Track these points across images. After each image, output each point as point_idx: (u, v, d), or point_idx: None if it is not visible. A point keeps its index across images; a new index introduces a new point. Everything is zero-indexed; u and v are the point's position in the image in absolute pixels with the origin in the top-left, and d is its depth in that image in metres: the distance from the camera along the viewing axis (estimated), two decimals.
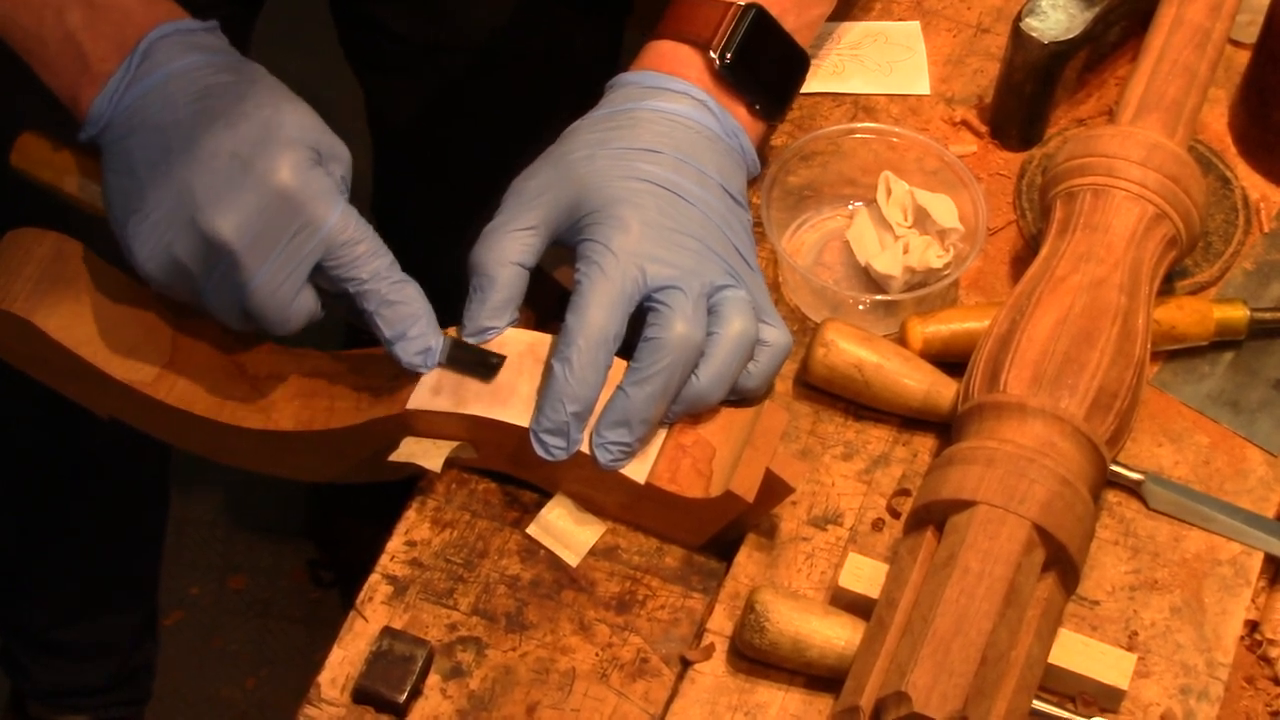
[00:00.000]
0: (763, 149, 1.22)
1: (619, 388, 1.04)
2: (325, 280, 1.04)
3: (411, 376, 1.08)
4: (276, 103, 1.03)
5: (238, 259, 1.01)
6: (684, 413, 1.07)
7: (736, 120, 1.15)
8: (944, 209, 1.18)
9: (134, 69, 1.04)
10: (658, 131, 1.11)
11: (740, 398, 1.09)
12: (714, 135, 1.13)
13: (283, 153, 1.01)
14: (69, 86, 1.05)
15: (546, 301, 1.19)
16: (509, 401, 1.07)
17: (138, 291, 1.13)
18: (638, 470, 1.06)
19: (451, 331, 1.10)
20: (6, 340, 1.13)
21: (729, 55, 1.14)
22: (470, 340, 1.09)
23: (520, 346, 1.09)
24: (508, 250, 1.08)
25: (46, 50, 1.05)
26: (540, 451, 1.05)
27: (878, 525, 1.11)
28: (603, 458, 1.05)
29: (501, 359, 1.07)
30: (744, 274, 1.09)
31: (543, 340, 1.09)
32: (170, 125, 1.02)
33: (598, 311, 1.04)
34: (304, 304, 1.03)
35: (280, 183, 1.00)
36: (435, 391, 1.08)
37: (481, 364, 1.07)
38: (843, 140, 1.22)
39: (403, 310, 1.05)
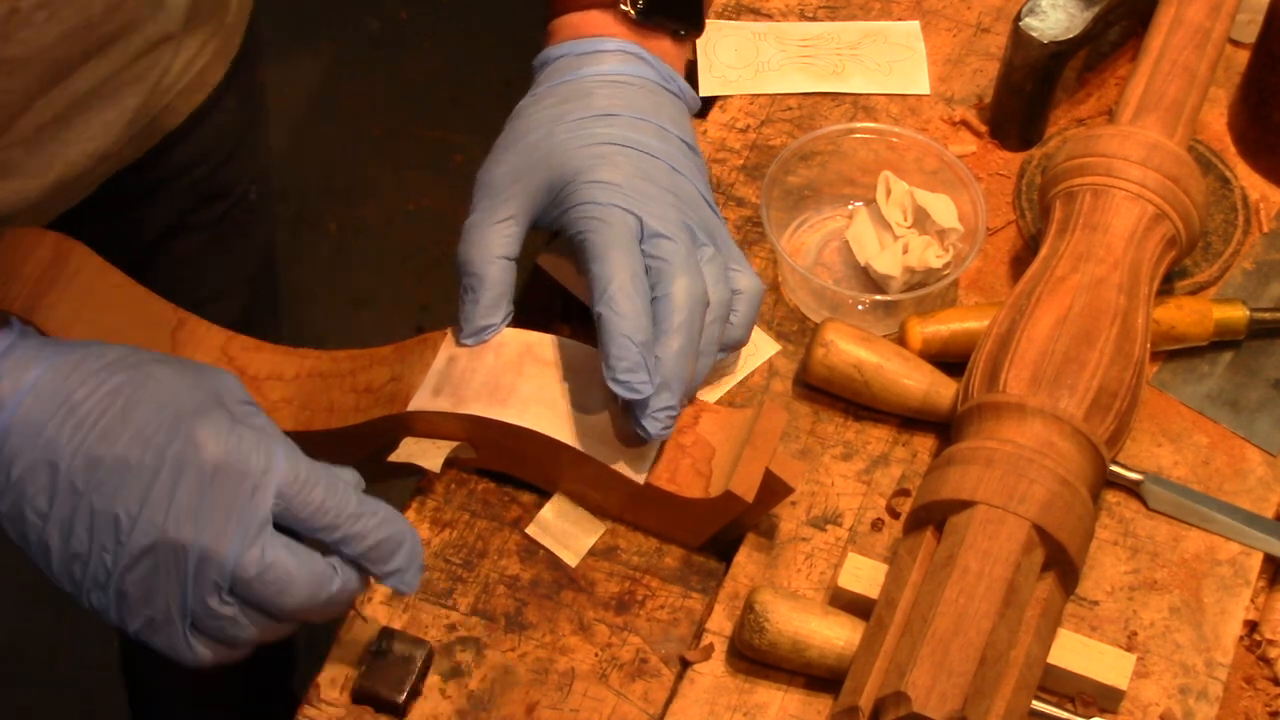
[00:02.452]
0: (692, 74, 1.23)
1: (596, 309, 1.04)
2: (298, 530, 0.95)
3: (412, 377, 1.08)
4: (161, 402, 0.92)
5: (205, 551, 0.91)
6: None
7: (668, 64, 1.15)
8: (943, 209, 1.18)
9: None
10: (606, 95, 1.11)
11: (731, 349, 1.11)
12: (656, 86, 1.13)
13: (199, 423, 0.91)
14: None
15: (544, 300, 1.20)
16: (509, 401, 1.07)
17: (138, 291, 1.13)
18: (637, 470, 1.06)
19: (448, 333, 1.10)
20: None
21: (639, 1, 1.14)
22: (469, 340, 1.09)
23: (520, 346, 1.09)
24: (492, 245, 1.09)
25: None
26: (625, 393, 1.02)
27: (877, 525, 1.11)
28: (654, 429, 1.04)
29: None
30: (714, 225, 1.10)
31: (542, 340, 1.09)
32: (62, 463, 0.91)
33: (618, 252, 1.05)
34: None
35: (208, 456, 0.91)
36: (435, 392, 1.08)
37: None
38: (842, 140, 1.22)
39: (385, 548, 0.94)
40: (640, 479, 1.06)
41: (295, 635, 0.96)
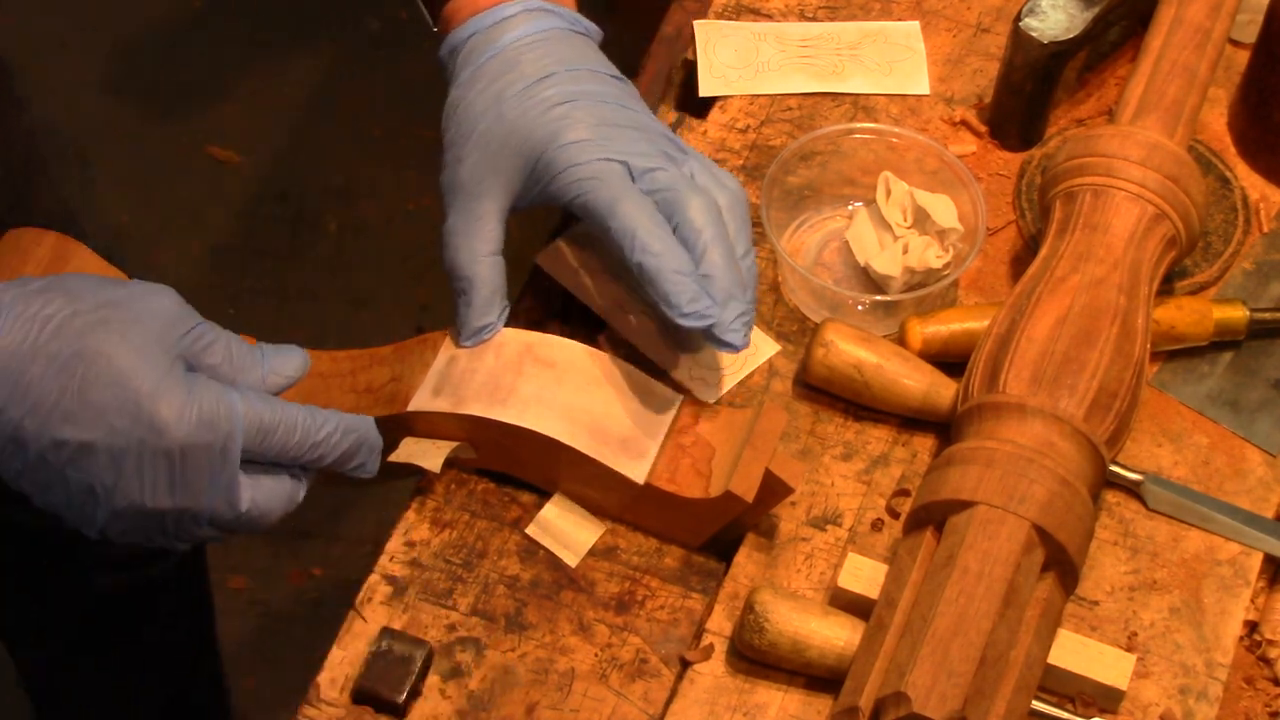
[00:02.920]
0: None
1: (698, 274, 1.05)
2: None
3: (412, 377, 1.08)
4: (104, 353, 0.95)
5: (182, 511, 0.98)
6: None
7: (567, 6, 1.15)
8: (943, 209, 1.18)
9: None
10: (534, 58, 1.10)
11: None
12: (569, 33, 1.13)
13: (158, 405, 0.95)
14: None
15: (544, 301, 1.20)
16: (509, 401, 1.07)
17: None
18: (637, 470, 1.06)
19: (448, 333, 1.10)
20: None
21: None
22: (469, 342, 1.09)
23: (520, 346, 1.09)
24: (476, 244, 1.09)
25: None
26: (697, 323, 1.04)
27: (877, 525, 1.11)
28: (738, 340, 1.05)
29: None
30: (677, 142, 1.11)
31: (543, 340, 1.09)
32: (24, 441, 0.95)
33: (626, 201, 1.06)
34: (269, 495, 1.01)
35: (174, 439, 0.96)
36: (435, 392, 1.08)
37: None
38: (842, 140, 1.22)
39: (349, 456, 1.03)
40: (640, 479, 1.06)
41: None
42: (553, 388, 1.07)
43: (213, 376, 1.00)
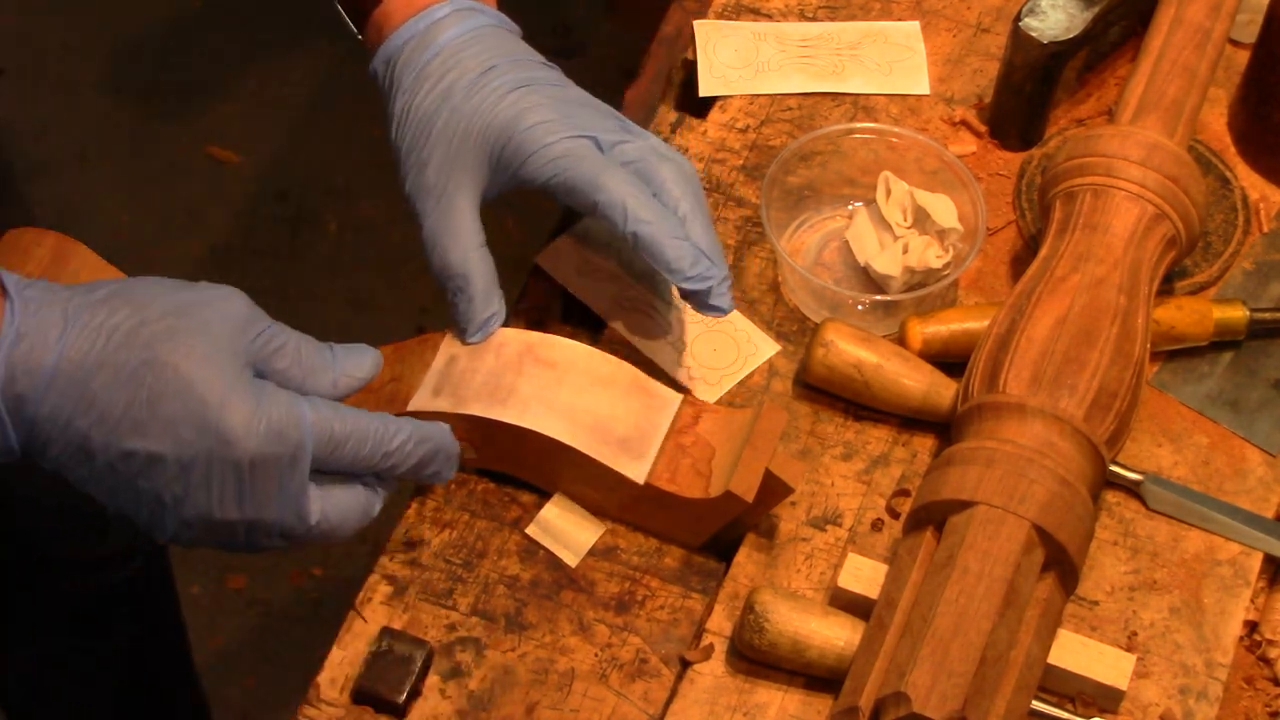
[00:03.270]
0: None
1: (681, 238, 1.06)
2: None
3: (412, 377, 1.08)
4: (180, 370, 0.94)
5: (252, 523, 0.97)
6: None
7: (488, 4, 1.15)
8: (943, 209, 1.18)
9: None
10: (474, 53, 1.10)
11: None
12: (499, 28, 1.13)
13: (226, 416, 0.94)
14: None
15: (544, 301, 1.20)
16: (509, 401, 1.07)
17: None
18: (637, 470, 1.06)
19: (448, 333, 1.10)
20: None
21: None
22: (476, 337, 1.09)
23: (520, 346, 1.09)
24: (462, 240, 1.08)
25: None
26: (700, 285, 1.06)
27: (877, 525, 1.11)
28: (726, 304, 1.07)
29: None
30: (626, 123, 1.11)
31: (543, 340, 1.09)
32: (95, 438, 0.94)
33: (608, 173, 1.06)
34: (339, 508, 1.00)
35: (243, 450, 0.95)
36: (435, 392, 1.08)
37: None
38: (842, 140, 1.22)
39: (423, 464, 1.02)
40: (640, 479, 1.06)
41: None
42: (553, 388, 1.07)
43: (282, 381, 0.99)
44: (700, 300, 1.07)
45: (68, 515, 1.48)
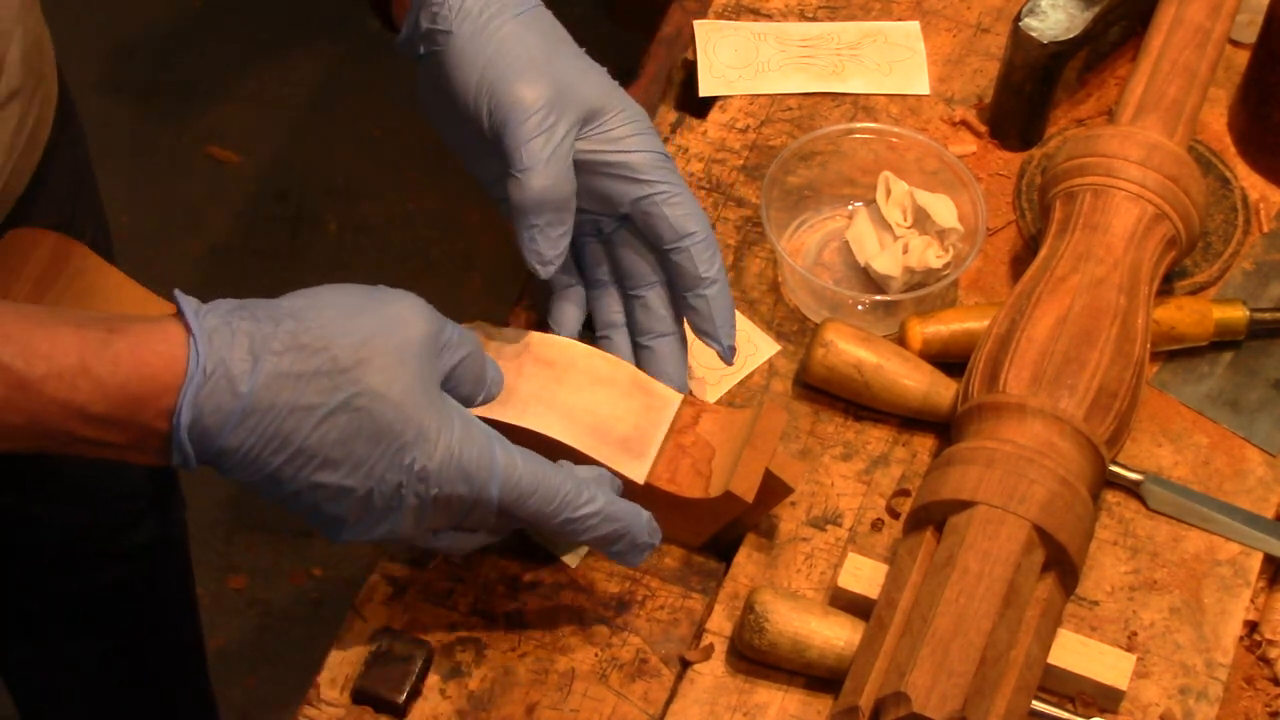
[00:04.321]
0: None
1: (699, 294, 1.08)
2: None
3: None
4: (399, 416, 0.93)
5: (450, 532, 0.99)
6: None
7: None
8: (943, 209, 1.18)
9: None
10: (550, 24, 1.09)
11: None
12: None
13: (421, 454, 0.94)
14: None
15: (544, 301, 1.20)
16: (508, 401, 1.07)
17: (138, 291, 1.13)
18: (637, 470, 1.06)
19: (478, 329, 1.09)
20: None
21: None
22: (551, 269, 1.06)
23: (518, 346, 1.09)
24: (570, 169, 1.05)
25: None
26: (728, 363, 1.09)
27: (877, 525, 1.11)
28: (730, 358, 1.09)
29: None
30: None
31: (542, 340, 1.09)
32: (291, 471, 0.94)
33: (699, 216, 1.08)
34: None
35: (433, 486, 0.95)
36: None
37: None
38: (842, 140, 1.22)
39: (618, 535, 1.00)
40: (640, 479, 1.06)
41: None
42: (552, 387, 1.07)
43: (457, 387, 0.97)
44: (725, 357, 1.09)
45: (109, 504, 1.48)
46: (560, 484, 0.97)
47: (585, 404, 1.07)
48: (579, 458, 1.06)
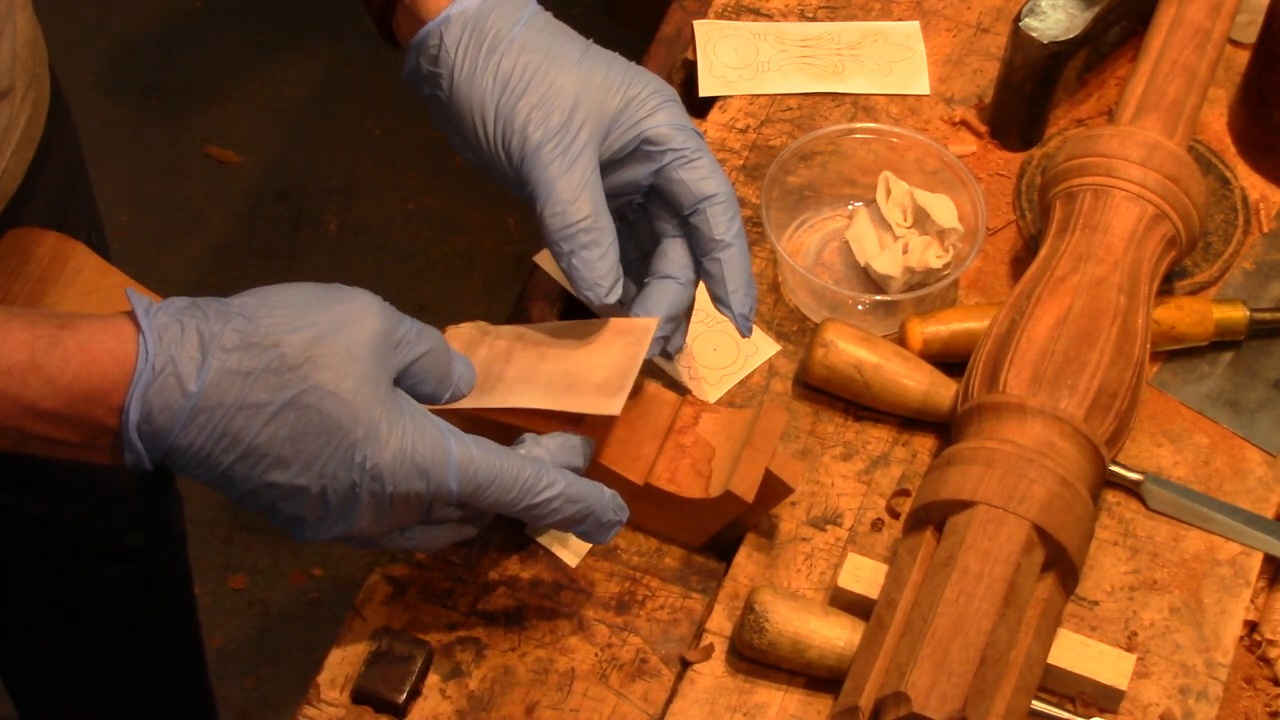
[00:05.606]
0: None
1: (714, 257, 1.06)
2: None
3: None
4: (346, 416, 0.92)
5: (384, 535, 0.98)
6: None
7: None
8: (943, 209, 1.18)
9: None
10: (556, 27, 1.08)
11: None
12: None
13: (372, 451, 0.93)
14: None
15: (544, 301, 1.20)
16: (495, 389, 1.06)
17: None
18: (636, 470, 1.06)
19: (447, 332, 1.09)
20: None
21: None
22: (609, 299, 1.04)
23: (510, 338, 1.09)
24: (596, 190, 1.03)
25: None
26: (745, 331, 1.07)
27: (877, 525, 1.11)
28: (745, 328, 1.07)
29: None
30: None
31: (532, 329, 1.09)
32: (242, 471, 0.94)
33: (722, 177, 1.06)
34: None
35: (388, 484, 0.95)
36: None
37: None
38: (842, 140, 1.22)
39: (583, 515, 0.99)
40: (640, 479, 1.06)
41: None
42: (536, 365, 1.07)
43: (418, 384, 0.97)
44: (740, 326, 1.07)
45: (106, 503, 1.48)
46: (519, 471, 0.97)
47: (565, 368, 1.06)
48: (557, 418, 1.05)
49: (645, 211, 1.09)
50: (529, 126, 1.03)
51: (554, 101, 1.04)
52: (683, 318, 1.09)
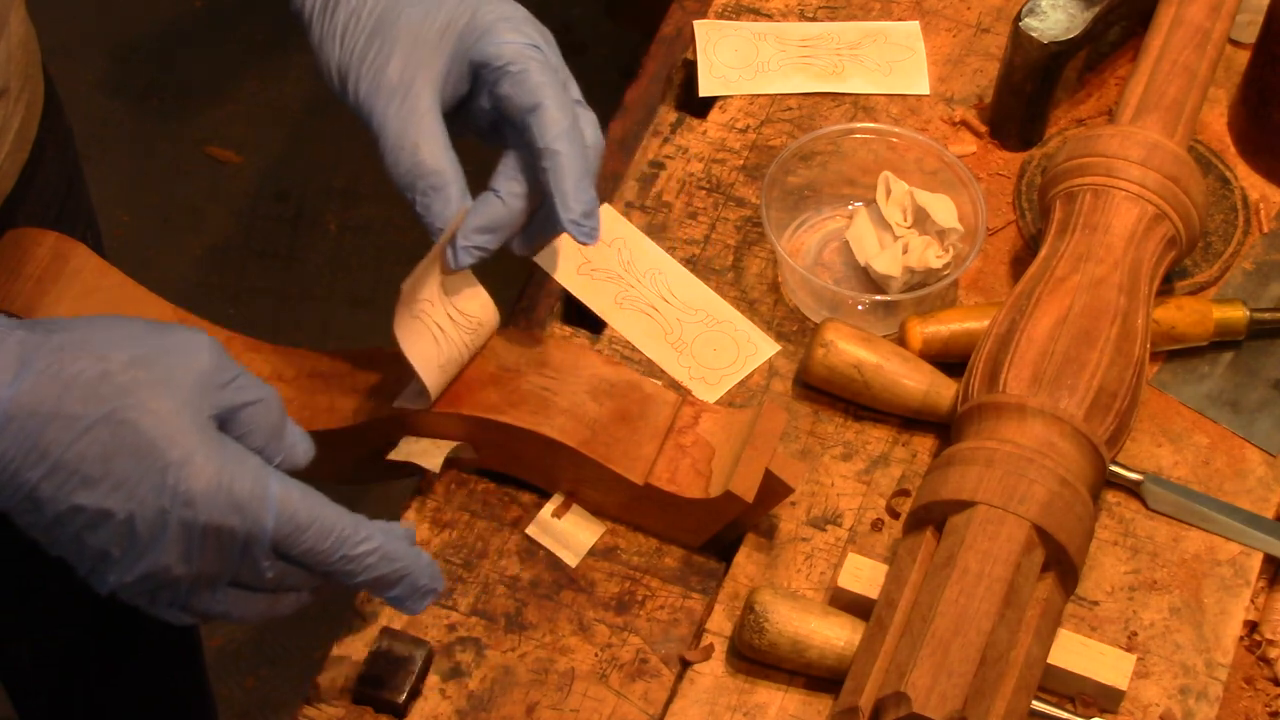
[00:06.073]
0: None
1: (542, 166, 1.02)
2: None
3: (412, 377, 1.08)
4: (156, 442, 0.89)
5: (199, 579, 0.92)
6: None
7: None
8: (943, 209, 1.18)
9: None
10: None
11: None
12: None
13: (186, 477, 0.89)
14: None
15: (544, 301, 1.20)
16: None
17: (138, 291, 1.13)
18: (637, 470, 1.06)
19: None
20: None
21: None
22: (472, 243, 1.03)
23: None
24: (435, 137, 1.03)
25: None
26: (582, 237, 1.02)
27: (877, 525, 1.11)
28: (580, 235, 1.03)
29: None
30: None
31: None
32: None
33: (556, 88, 1.02)
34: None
35: (200, 514, 0.90)
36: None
37: None
38: (842, 140, 1.22)
39: (383, 585, 0.95)
40: (640, 479, 1.06)
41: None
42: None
43: (246, 435, 0.93)
44: (573, 233, 1.03)
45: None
46: (337, 518, 0.92)
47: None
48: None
49: (501, 134, 1.07)
50: (366, 74, 1.03)
51: (391, 47, 1.03)
52: (508, 230, 1.05)
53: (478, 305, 1.07)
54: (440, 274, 1.05)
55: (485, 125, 1.07)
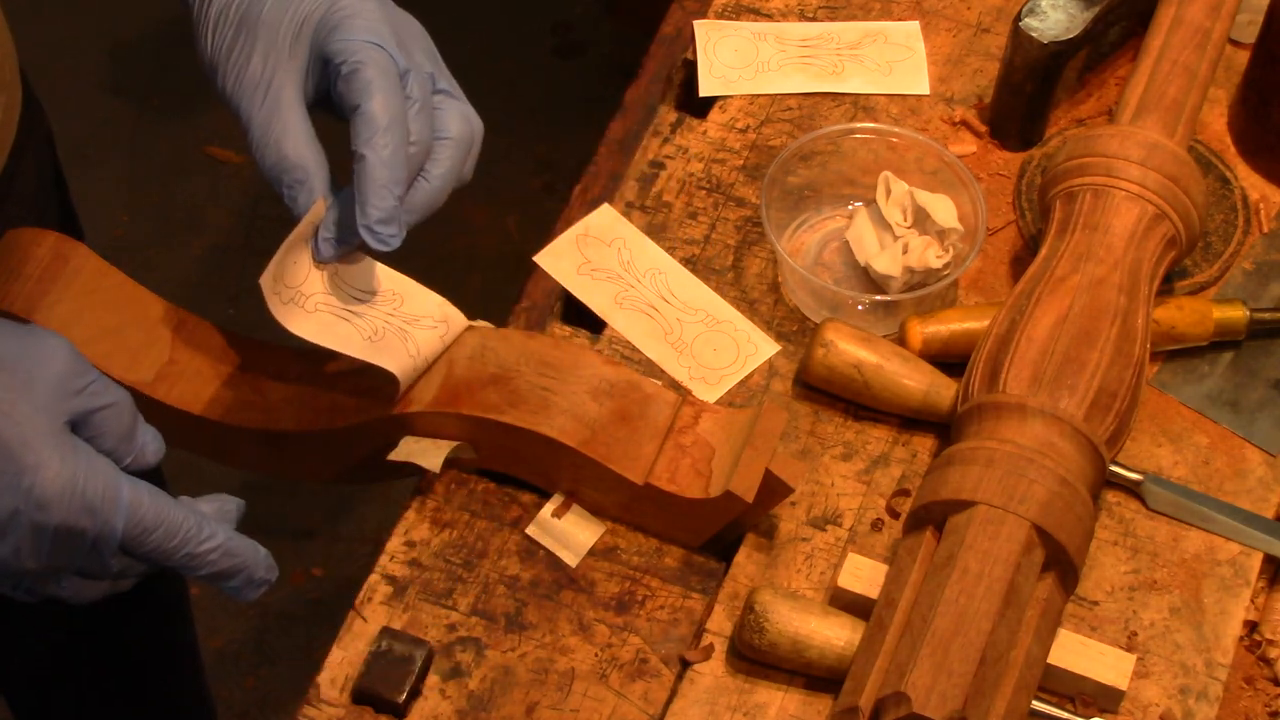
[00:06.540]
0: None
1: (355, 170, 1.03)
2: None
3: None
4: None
5: (46, 574, 0.94)
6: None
7: None
8: (943, 209, 1.18)
9: None
10: None
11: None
12: None
13: (40, 479, 0.90)
14: None
15: (544, 301, 1.20)
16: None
17: (138, 291, 1.13)
18: (637, 470, 1.06)
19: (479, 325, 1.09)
20: None
21: None
22: (329, 242, 1.06)
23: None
24: (296, 131, 1.04)
25: None
26: (375, 243, 1.04)
27: (877, 525, 1.11)
28: (374, 241, 1.05)
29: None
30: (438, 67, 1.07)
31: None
32: None
33: (387, 93, 1.03)
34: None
35: (53, 516, 0.91)
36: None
37: None
38: (842, 140, 1.22)
39: (223, 576, 0.98)
40: (640, 479, 1.06)
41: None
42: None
43: (98, 437, 0.95)
44: (367, 239, 1.05)
45: None
46: (184, 519, 0.95)
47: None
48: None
49: None
50: (232, 69, 1.04)
51: (253, 42, 1.03)
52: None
53: (373, 279, 1.08)
54: (316, 262, 1.08)
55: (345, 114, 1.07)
